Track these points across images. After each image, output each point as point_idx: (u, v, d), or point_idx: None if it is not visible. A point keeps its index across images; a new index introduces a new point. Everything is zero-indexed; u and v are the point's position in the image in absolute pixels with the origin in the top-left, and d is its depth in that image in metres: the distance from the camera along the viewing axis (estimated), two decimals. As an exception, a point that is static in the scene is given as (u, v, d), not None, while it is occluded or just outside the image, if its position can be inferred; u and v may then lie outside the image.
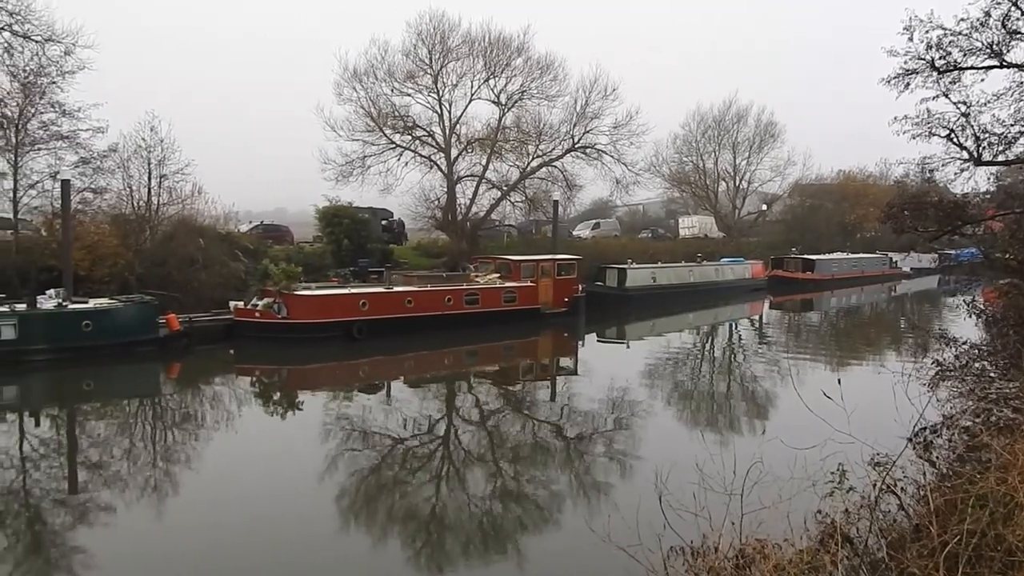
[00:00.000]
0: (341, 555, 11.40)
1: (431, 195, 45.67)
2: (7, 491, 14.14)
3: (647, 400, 22.00)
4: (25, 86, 29.32)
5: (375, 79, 43.46)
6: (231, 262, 33.95)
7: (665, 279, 46.37)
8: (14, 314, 23.80)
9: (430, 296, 32.88)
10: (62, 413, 20.83)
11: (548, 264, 37.73)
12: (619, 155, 47.11)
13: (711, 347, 34.89)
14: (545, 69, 45.24)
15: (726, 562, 6.26)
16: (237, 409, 21.38)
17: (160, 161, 32.95)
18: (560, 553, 11.62)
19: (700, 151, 66.60)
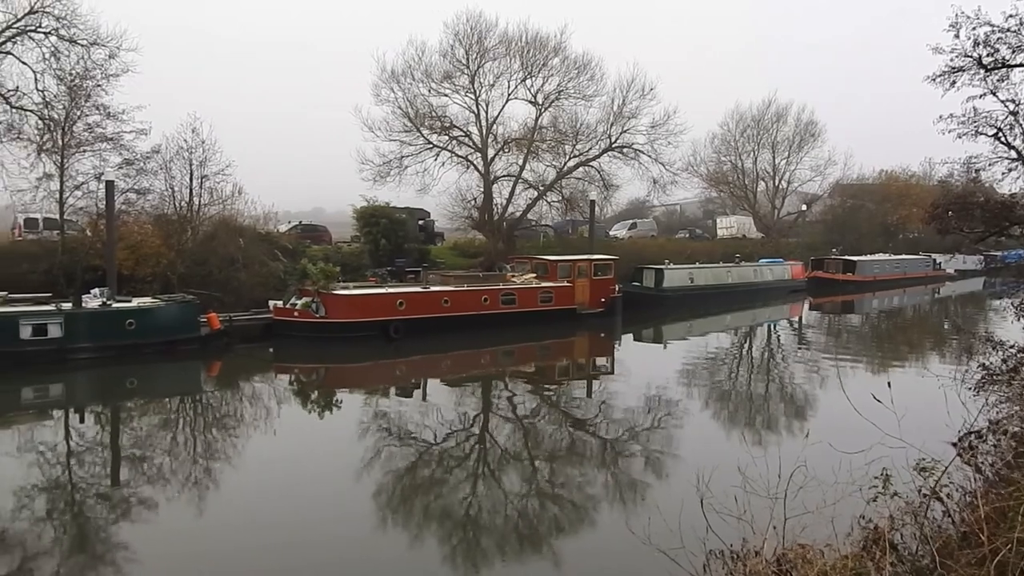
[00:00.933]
0: (378, 553, 11.45)
1: (468, 195, 45.81)
2: (54, 485, 14.43)
3: (684, 401, 21.81)
4: (71, 89, 29.91)
5: (412, 80, 43.70)
6: (270, 262, 34.34)
7: (703, 280, 45.96)
8: (60, 312, 24.30)
9: (467, 296, 32.94)
10: (106, 410, 21.23)
11: (585, 264, 37.60)
12: (656, 155, 46.87)
13: (749, 349, 34.49)
14: (582, 68, 45.16)
15: (767, 567, 6.15)
16: (276, 407, 21.60)
17: (201, 162, 33.44)
18: (596, 554, 11.55)
19: (739, 150, 65.98)
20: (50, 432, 18.72)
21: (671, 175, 48.91)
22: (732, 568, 6.32)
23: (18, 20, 28.17)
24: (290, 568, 10.70)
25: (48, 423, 19.77)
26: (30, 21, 28.40)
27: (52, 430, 18.96)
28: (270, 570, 10.71)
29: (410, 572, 10.98)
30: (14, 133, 29.23)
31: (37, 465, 15.48)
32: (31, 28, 28.55)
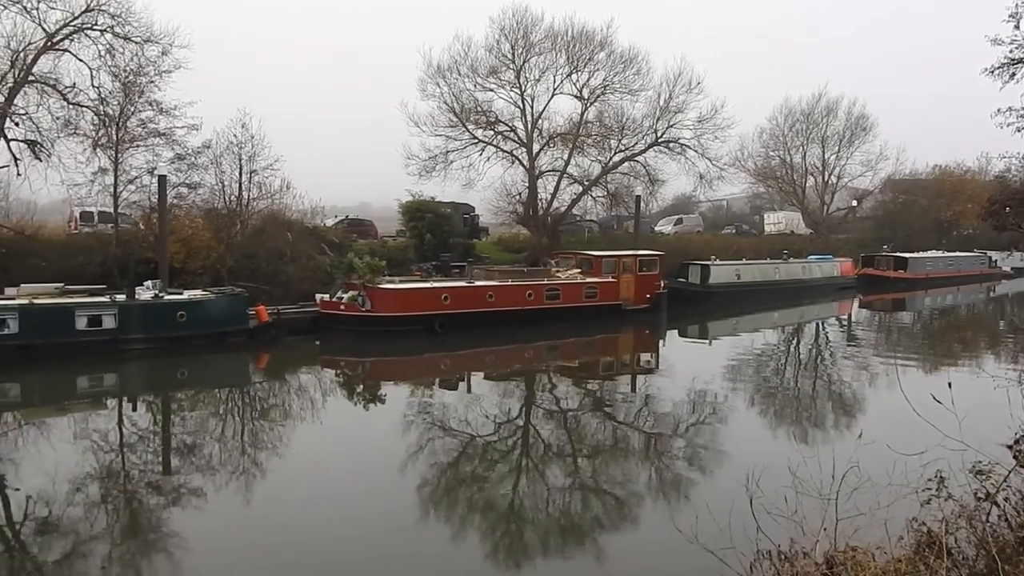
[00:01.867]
0: (421, 546, 11.50)
1: (513, 190, 45.75)
2: (107, 473, 14.79)
3: (730, 399, 21.56)
4: (125, 85, 30.54)
5: (458, 75, 43.74)
6: (317, 255, 34.76)
7: (749, 276, 45.41)
8: (115, 304, 24.87)
9: (511, 291, 32.96)
10: (158, 400, 21.69)
11: (630, 260, 37.37)
12: (703, 149, 46.29)
13: (797, 346, 33.96)
14: (628, 63, 44.79)
15: (816, 568, 6.03)
16: (322, 399, 21.87)
17: (250, 157, 33.94)
18: (639, 551, 11.48)
19: (787, 145, 64.96)
20: (104, 420, 19.18)
21: (718, 170, 48.31)
22: (779, 569, 6.21)
23: (75, 18, 28.84)
24: (334, 561, 10.80)
25: (103, 412, 20.27)
26: (86, 19, 29.06)
27: (106, 419, 19.43)
28: (315, 563, 10.82)
29: (453, 567, 11.01)
30: (71, 128, 29.94)
31: (92, 452, 15.88)
32: (87, 26, 29.21)
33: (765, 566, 6.26)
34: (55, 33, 28.77)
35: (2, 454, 16.32)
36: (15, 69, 28.32)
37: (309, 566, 10.60)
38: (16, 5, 27.96)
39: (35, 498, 12.76)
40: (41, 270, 27.94)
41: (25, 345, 23.02)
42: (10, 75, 28.33)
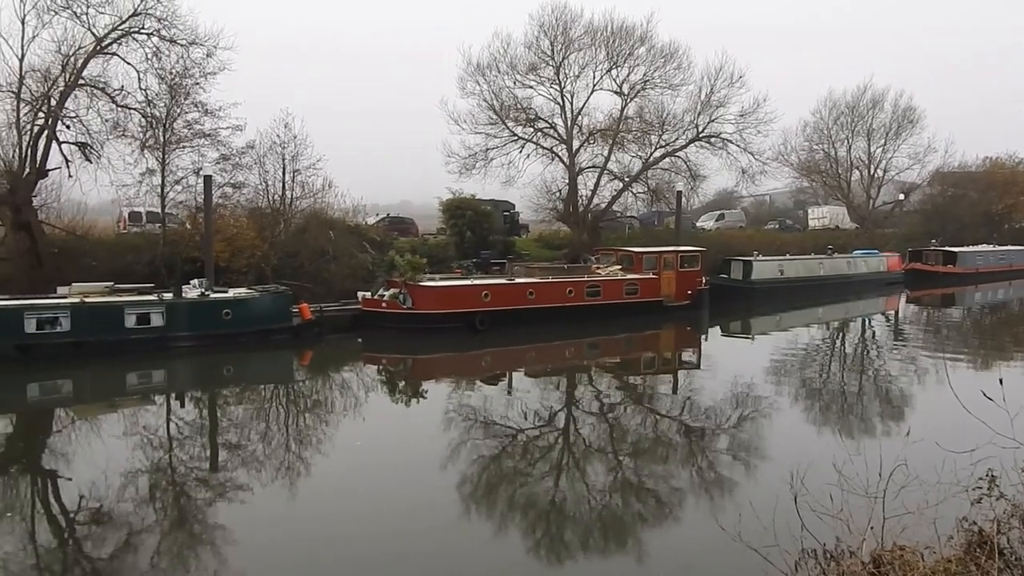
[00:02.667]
0: (462, 542, 11.56)
1: (553, 187, 45.62)
2: (156, 468, 15.09)
3: (773, 396, 21.29)
4: (171, 87, 31.10)
5: (498, 72, 43.71)
6: (359, 253, 35.08)
7: (793, 272, 44.76)
8: (162, 302, 25.37)
9: (551, 288, 32.92)
10: (204, 396, 22.08)
11: (671, 256, 37.09)
12: (745, 144, 45.65)
13: (842, 343, 33.40)
14: (669, 57, 44.35)
15: (863, 568, 5.93)
16: (364, 396, 22.08)
17: (293, 156, 34.38)
18: (681, 549, 11.41)
19: (832, 138, 63.75)
20: (153, 416, 19.59)
21: (760, 165, 47.57)
22: (825, 568, 6.12)
23: (123, 22, 29.43)
24: (376, 557, 10.90)
25: (151, 408, 20.69)
26: (134, 23, 29.63)
27: (155, 414, 19.84)
28: (357, 559, 10.94)
29: (494, 563, 11.04)
30: (120, 130, 30.59)
31: (141, 447, 16.22)
32: (135, 30, 29.78)
33: (810, 565, 6.17)
34: (104, 37, 29.39)
35: (56, 449, 16.79)
36: (66, 73, 29.01)
37: (351, 562, 10.71)
38: (67, 11, 28.65)
39: (87, 492, 13.09)
40: (92, 269, 28.62)
41: (77, 342, 23.62)
42: (61, 79, 29.02)
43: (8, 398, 21.04)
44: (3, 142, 28.10)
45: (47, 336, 23.39)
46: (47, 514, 12.76)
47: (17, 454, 16.33)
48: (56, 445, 17.16)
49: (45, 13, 28.41)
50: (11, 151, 28.27)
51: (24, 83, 28.49)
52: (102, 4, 28.98)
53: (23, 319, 23.14)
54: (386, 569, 10.50)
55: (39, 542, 11.39)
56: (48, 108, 28.84)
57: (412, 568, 10.53)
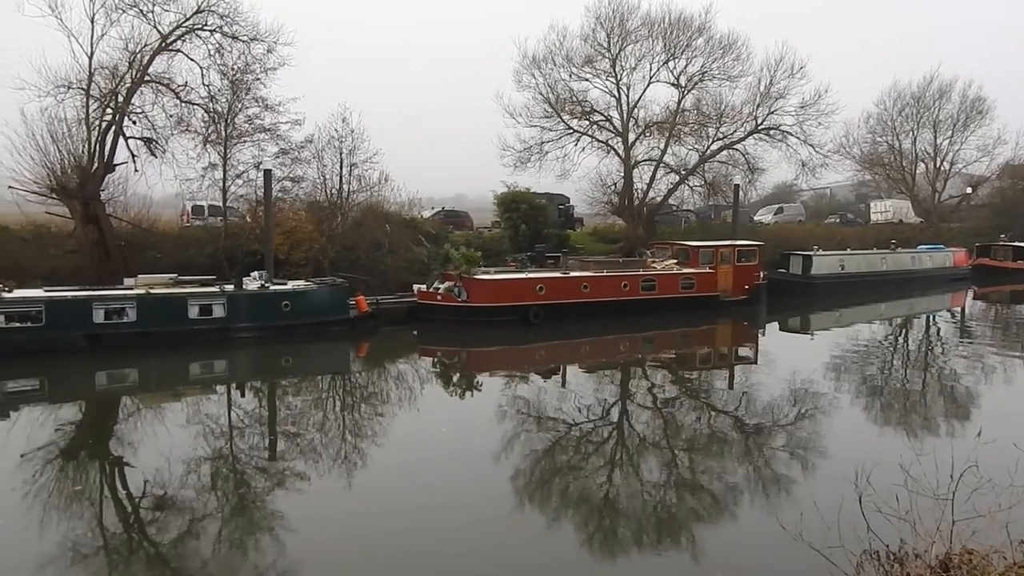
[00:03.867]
0: (515, 535, 11.57)
1: (608, 180, 45.39)
2: (218, 456, 15.45)
3: (833, 393, 20.85)
4: (233, 83, 31.77)
5: (553, 65, 43.63)
6: (415, 247, 35.39)
7: (854, 267, 43.82)
8: (224, 294, 25.94)
9: (606, 282, 32.75)
10: (264, 386, 22.51)
11: (728, 250, 36.59)
12: (806, 136, 44.80)
13: (905, 340, 32.54)
14: (727, 49, 43.69)
15: (928, 571, 5.76)
16: (419, 388, 22.27)
17: (351, 150, 34.80)
18: (738, 548, 11.24)
19: (896, 130, 62.00)
20: (214, 405, 20.04)
21: (821, 157, 46.61)
22: (888, 570, 5.96)
23: (187, 19, 30.17)
24: (430, 550, 10.97)
25: (213, 397, 21.18)
26: (197, 20, 30.37)
27: (216, 403, 20.30)
28: (411, 551, 11.02)
29: (546, 557, 11.03)
30: (183, 126, 31.42)
31: (203, 436, 16.61)
32: (198, 27, 30.51)
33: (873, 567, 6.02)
34: (169, 34, 30.15)
35: (122, 436, 17.30)
36: (133, 70, 29.83)
37: (404, 555, 10.80)
38: (133, 9, 29.45)
39: (152, 478, 13.45)
40: (156, 262, 29.42)
41: (142, 333, 24.31)
42: (128, 75, 29.85)
43: (78, 386, 21.79)
44: (73, 138, 28.99)
45: (114, 326, 24.12)
46: (114, 499, 13.15)
47: (86, 440, 16.86)
48: (122, 432, 17.69)
49: (113, 11, 29.34)
50: (80, 146, 29.17)
51: (93, 80, 29.39)
52: (167, 2, 29.88)
53: (91, 310, 23.90)
54: (437, 563, 10.55)
55: (106, 525, 11.75)
56: (116, 104, 29.70)
57: (464, 561, 10.57)
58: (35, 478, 13.57)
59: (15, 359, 22.25)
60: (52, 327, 23.29)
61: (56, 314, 23.46)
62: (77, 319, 23.72)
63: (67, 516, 12.00)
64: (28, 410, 18.99)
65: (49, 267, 28.17)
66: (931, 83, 60.31)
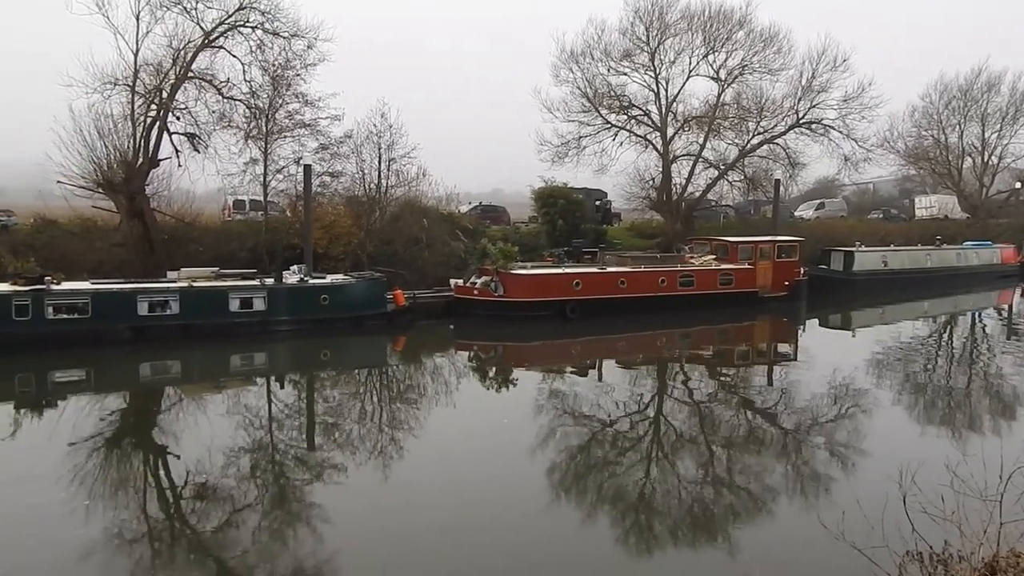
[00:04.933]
0: (550, 530, 11.57)
1: (646, 175, 45.10)
2: (258, 447, 15.67)
3: (874, 392, 20.52)
4: (274, 79, 32.11)
5: (591, 59, 43.45)
6: (452, 241, 35.51)
7: (898, 263, 43.06)
8: (264, 287, 26.28)
9: (643, 277, 32.58)
10: (302, 379, 22.78)
11: (767, 246, 36.18)
12: (848, 130, 44.06)
13: (950, 338, 31.91)
14: (768, 42, 43.12)
15: (973, 573, 5.65)
16: (456, 382, 22.35)
17: (389, 146, 35.03)
18: (775, 546, 11.13)
19: (942, 124, 60.71)
20: (254, 397, 20.32)
21: (864, 152, 45.82)
22: (932, 571, 5.85)
23: (229, 16, 30.57)
24: (465, 544, 11.04)
25: (252, 388, 21.48)
26: (239, 17, 30.75)
27: (256, 395, 20.58)
28: (448, 537, 11.09)
29: (582, 552, 11.02)
30: (225, 121, 31.83)
31: (243, 427, 16.86)
32: (240, 23, 30.89)
33: (916, 568, 5.92)
34: (211, 31, 30.57)
35: (165, 426, 17.61)
36: (176, 66, 30.30)
37: (439, 550, 10.85)
38: (177, 6, 29.91)
39: (194, 467, 13.69)
40: (199, 255, 29.91)
41: (185, 325, 24.74)
42: (172, 72, 30.33)
43: (123, 377, 22.25)
44: (119, 133, 29.52)
45: (158, 318, 24.57)
46: (157, 487, 13.41)
47: (130, 429, 17.21)
48: (165, 422, 18.01)
49: (158, 9, 29.83)
50: (126, 142, 29.69)
51: (138, 77, 29.90)
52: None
53: (136, 302, 24.37)
54: (471, 557, 10.60)
55: (150, 513, 11.99)
56: (160, 100, 30.20)
57: (500, 555, 10.60)
58: (82, 466, 13.89)
59: (63, 350, 22.79)
60: (98, 319, 23.80)
61: (102, 306, 23.96)
62: (122, 311, 24.21)
63: (112, 504, 12.27)
64: (75, 399, 19.44)
65: (96, 260, 28.78)
66: (979, 75, 59.01)
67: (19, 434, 16.37)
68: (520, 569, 10.25)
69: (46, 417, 17.84)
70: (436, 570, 10.16)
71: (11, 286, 23.50)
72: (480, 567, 10.28)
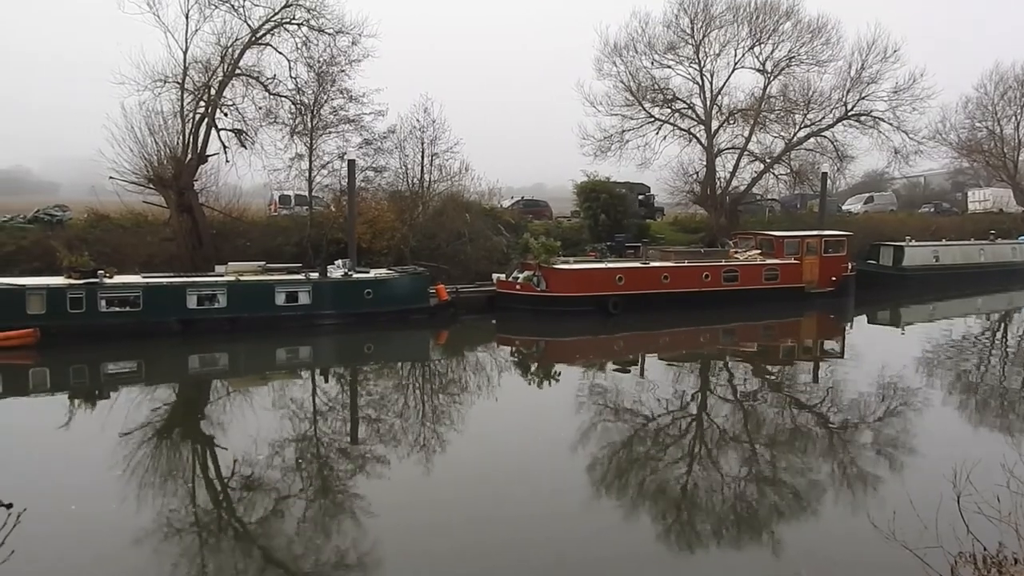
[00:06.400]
0: (591, 525, 11.55)
1: (690, 169, 44.62)
2: (302, 439, 15.88)
3: (924, 390, 20.11)
4: (319, 75, 32.45)
5: (635, 52, 43.07)
6: (494, 236, 35.55)
7: (950, 258, 42.02)
8: (309, 282, 26.61)
9: (687, 272, 32.31)
10: (346, 372, 23.04)
11: (814, 241, 35.62)
12: (899, 122, 43.05)
13: (1004, 336, 31.12)
14: (816, 32, 42.28)
15: (1027, 577, 5.51)
16: (497, 377, 22.41)
17: (432, 140, 35.19)
18: (821, 545, 10.98)
19: (997, 115, 59.11)
20: (299, 390, 20.62)
21: (915, 144, 44.70)
22: (986, 574, 5.71)
23: (276, 13, 30.96)
24: (508, 531, 11.07)
25: (298, 381, 21.79)
26: (285, 14, 31.13)
27: (301, 388, 20.88)
28: (489, 531, 11.13)
29: (623, 548, 10.98)
30: (271, 117, 32.26)
31: (288, 419, 17.11)
32: (286, 20, 31.27)
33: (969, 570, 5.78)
34: (258, 28, 31.00)
35: (213, 417, 17.96)
36: (224, 63, 30.79)
37: (479, 540, 10.91)
38: (225, 4, 30.37)
39: (240, 459, 13.92)
40: (245, 249, 30.36)
41: (232, 318, 25.16)
42: (220, 69, 30.83)
43: (172, 369, 22.72)
44: (169, 130, 30.08)
45: (206, 312, 25.03)
46: (204, 477, 13.68)
47: (179, 421, 17.57)
48: (213, 413, 18.36)
49: (206, 7, 30.26)
50: (176, 138, 30.23)
51: (187, 74, 30.42)
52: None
53: (185, 296, 24.85)
54: (511, 552, 10.61)
55: (198, 502, 12.23)
56: (208, 97, 30.71)
57: (537, 551, 10.59)
58: (133, 456, 14.22)
59: (115, 342, 23.34)
60: (149, 312, 24.33)
61: (153, 299, 24.48)
62: (172, 304, 24.71)
63: (162, 493, 12.54)
64: (127, 391, 19.91)
65: (146, 254, 29.39)
66: (1037, 64, 57.24)
67: (73, 423, 16.84)
68: (560, 564, 10.24)
69: (99, 407, 18.32)
70: (476, 563, 10.20)
71: (66, 279, 24.15)
72: (520, 561, 10.29)
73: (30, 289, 23.42)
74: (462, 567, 10.09)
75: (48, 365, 22.08)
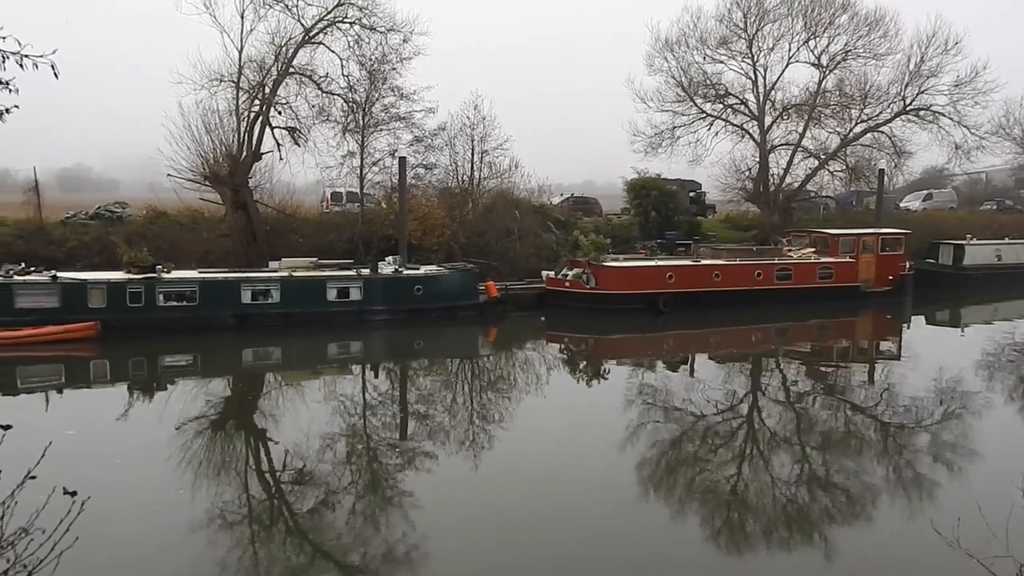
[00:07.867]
0: (639, 524, 11.50)
1: (742, 165, 44.01)
2: (352, 433, 16.10)
3: (985, 393, 19.53)
4: (371, 73, 32.80)
5: (686, 47, 42.65)
6: (543, 233, 35.53)
7: (1013, 257, 40.76)
8: (360, 278, 26.93)
9: (739, 270, 31.90)
10: (396, 367, 23.26)
11: (870, 239, 34.87)
12: (960, 117, 41.86)
13: (1070, 337, 30.06)
14: (873, 25, 41.34)
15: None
16: (546, 374, 22.40)
17: (482, 138, 35.35)
18: (875, 549, 10.74)
19: (1065, 109, 57.01)
20: (350, 385, 20.89)
21: (977, 139, 43.40)
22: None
23: (328, 12, 31.38)
24: (556, 527, 11.06)
25: (348, 376, 22.07)
26: (338, 13, 31.54)
27: (351, 383, 21.15)
28: (537, 527, 11.14)
29: (671, 548, 10.90)
30: (324, 115, 32.75)
31: (339, 413, 17.36)
32: (339, 19, 31.67)
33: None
34: (311, 28, 31.45)
35: (265, 410, 18.30)
36: (278, 62, 31.31)
37: (527, 538, 10.91)
38: (279, 3, 30.87)
39: (292, 452, 14.17)
40: (298, 246, 30.86)
41: (285, 313, 25.59)
42: (274, 68, 31.36)
43: (226, 362, 23.22)
44: (224, 128, 30.71)
45: (260, 307, 25.50)
46: (257, 469, 13.95)
47: (233, 413, 17.94)
48: (265, 407, 18.71)
49: (261, 7, 30.82)
50: (231, 136, 30.85)
51: (243, 73, 31.03)
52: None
53: (240, 291, 25.34)
54: (558, 550, 10.60)
55: (251, 494, 12.49)
56: (263, 96, 31.27)
57: (584, 550, 10.57)
58: (188, 446, 14.56)
59: (172, 335, 23.92)
60: (205, 307, 24.87)
61: (209, 294, 25.02)
62: (227, 299, 25.22)
63: (215, 484, 12.83)
64: (182, 383, 20.38)
65: (203, 250, 30.05)
66: (1107, 57, 55.16)
67: (131, 414, 17.30)
68: (607, 563, 10.21)
69: (156, 399, 18.78)
70: (523, 559, 10.22)
71: (125, 274, 24.81)
72: (566, 558, 10.28)
73: (91, 283, 24.11)
74: (509, 562, 10.13)
75: (108, 357, 22.71)
